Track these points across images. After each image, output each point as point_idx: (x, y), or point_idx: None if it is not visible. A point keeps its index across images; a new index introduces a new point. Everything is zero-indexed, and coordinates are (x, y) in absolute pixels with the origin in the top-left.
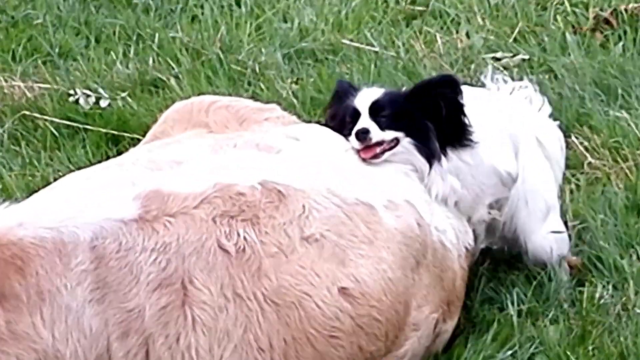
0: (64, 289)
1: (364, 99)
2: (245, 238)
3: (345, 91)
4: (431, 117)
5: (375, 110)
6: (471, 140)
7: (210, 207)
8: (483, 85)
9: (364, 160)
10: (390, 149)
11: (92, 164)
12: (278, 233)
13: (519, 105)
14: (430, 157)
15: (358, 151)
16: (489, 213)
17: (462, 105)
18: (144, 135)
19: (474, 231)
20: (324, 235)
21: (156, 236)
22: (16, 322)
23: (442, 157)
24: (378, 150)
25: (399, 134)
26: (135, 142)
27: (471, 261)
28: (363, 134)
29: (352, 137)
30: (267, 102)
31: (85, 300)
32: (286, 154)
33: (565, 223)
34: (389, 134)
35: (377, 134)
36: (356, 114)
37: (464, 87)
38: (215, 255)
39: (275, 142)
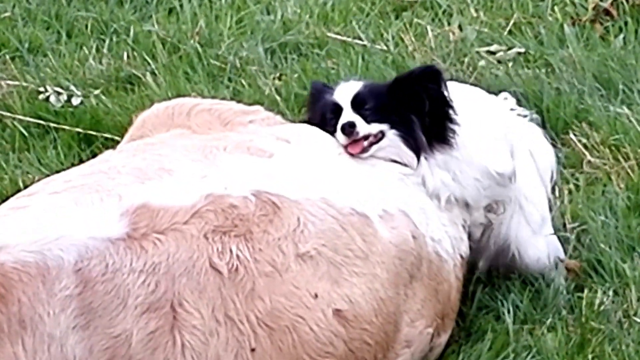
0: (46, 316)
1: (344, 93)
2: (238, 256)
3: (320, 91)
4: (414, 111)
5: (358, 103)
6: (455, 137)
7: (201, 222)
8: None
9: (351, 155)
10: (377, 142)
11: (63, 165)
12: (272, 249)
13: (511, 112)
14: (417, 150)
15: (345, 147)
16: (486, 216)
17: (446, 98)
18: (118, 135)
19: (469, 236)
20: (319, 252)
21: (145, 256)
22: None
23: (430, 151)
24: (365, 144)
25: (384, 127)
26: (109, 142)
27: (466, 270)
28: (350, 128)
29: (338, 132)
30: (249, 100)
31: (69, 327)
32: (279, 158)
33: (564, 225)
34: (375, 127)
35: (363, 128)
36: (338, 109)
37: (455, 84)
38: (206, 275)
39: (266, 145)
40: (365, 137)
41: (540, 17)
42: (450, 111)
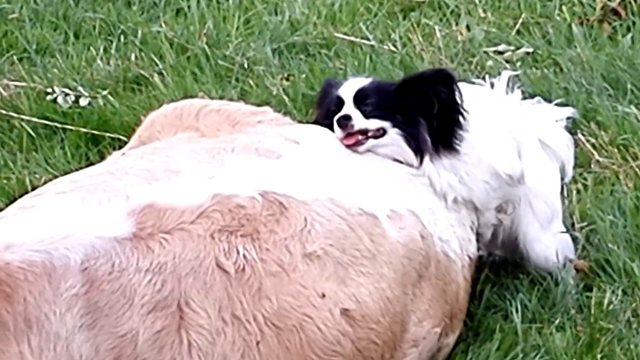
0: (52, 315)
1: (349, 88)
2: (244, 256)
3: (331, 86)
4: (422, 112)
5: (360, 98)
6: (461, 143)
7: (208, 221)
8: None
9: (347, 147)
10: (375, 137)
11: (70, 166)
12: (279, 249)
13: (520, 104)
14: (420, 150)
15: (341, 140)
16: (497, 216)
17: (456, 103)
18: (125, 136)
19: (479, 237)
20: (326, 252)
21: (151, 255)
22: (3, 351)
23: (435, 154)
24: (360, 137)
25: (385, 124)
26: (116, 143)
27: (474, 270)
28: (344, 121)
29: (335, 125)
30: (257, 100)
31: (75, 326)
32: (287, 159)
33: (572, 225)
34: (374, 123)
35: (359, 122)
36: (340, 103)
37: (461, 84)
38: (213, 275)
39: (274, 146)
40: (363, 132)
41: (548, 17)
42: (460, 117)
